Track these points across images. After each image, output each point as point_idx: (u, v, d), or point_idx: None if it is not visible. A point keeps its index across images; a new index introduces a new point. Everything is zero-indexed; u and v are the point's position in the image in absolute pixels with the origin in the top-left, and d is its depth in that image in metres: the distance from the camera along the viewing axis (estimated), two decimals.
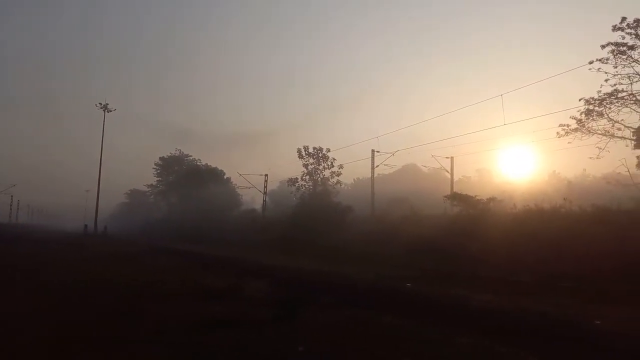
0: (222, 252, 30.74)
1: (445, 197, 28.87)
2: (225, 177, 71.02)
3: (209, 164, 73.97)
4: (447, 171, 41.79)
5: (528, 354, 6.67)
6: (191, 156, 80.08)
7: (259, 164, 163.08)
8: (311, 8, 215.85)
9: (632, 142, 26.16)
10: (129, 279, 14.47)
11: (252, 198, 76.38)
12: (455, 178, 43.16)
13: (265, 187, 50.88)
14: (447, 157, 41.51)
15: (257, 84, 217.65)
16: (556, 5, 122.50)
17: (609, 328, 8.52)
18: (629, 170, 26.64)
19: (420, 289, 13.87)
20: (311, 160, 45.40)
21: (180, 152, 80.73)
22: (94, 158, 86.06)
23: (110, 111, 61.87)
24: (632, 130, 26.19)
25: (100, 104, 61.41)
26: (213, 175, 69.12)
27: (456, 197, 27.98)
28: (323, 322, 8.82)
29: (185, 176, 70.07)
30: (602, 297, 12.06)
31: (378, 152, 41.70)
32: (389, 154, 41.41)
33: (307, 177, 45.60)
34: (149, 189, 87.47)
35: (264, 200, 51.33)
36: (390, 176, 59.96)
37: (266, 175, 50.55)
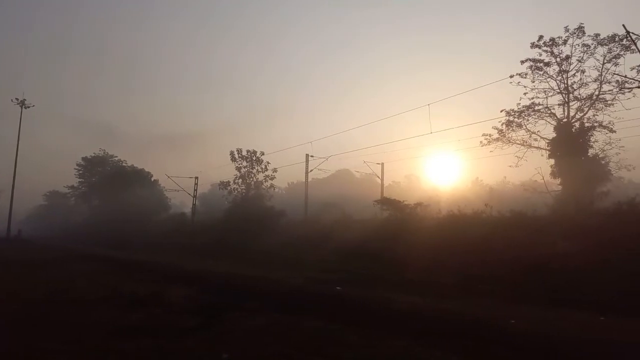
0: (147, 258, 29.44)
1: (375, 201, 29.43)
2: (152, 179, 68.31)
3: (135, 165, 70.85)
4: (378, 177, 42.80)
5: (448, 354, 6.80)
6: (116, 157, 76.32)
7: (191, 167, 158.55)
8: (250, 10, 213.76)
9: (547, 152, 28.19)
10: (40, 287, 13.38)
11: (182, 202, 74.02)
12: (386, 183, 44.37)
13: (196, 190, 49.33)
14: (378, 163, 42.52)
15: (192, 85, 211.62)
16: (484, 16, 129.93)
17: (522, 327, 8.92)
18: (543, 178, 28.66)
19: (348, 293, 13.92)
20: (244, 164, 44.77)
21: (104, 153, 76.69)
22: (8, 157, 79.46)
23: (28, 107, 57.43)
24: (547, 141, 28.22)
25: (17, 99, 56.86)
26: (139, 177, 66.23)
27: (385, 202, 28.61)
28: (248, 328, 8.63)
29: (110, 178, 66.50)
30: (517, 298, 12.70)
31: (312, 156, 41.89)
32: (323, 159, 41.76)
33: (240, 180, 44.88)
34: (70, 190, 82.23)
35: (193, 204, 49.72)
36: (324, 181, 60.47)
37: (196, 178, 49.02)
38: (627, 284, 12.13)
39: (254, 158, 44.55)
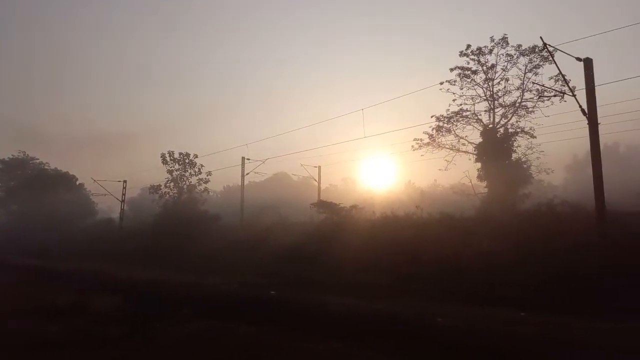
0: (72, 266, 27.66)
1: (312, 204, 29.48)
2: (77, 183, 64.43)
3: (60, 168, 66.45)
4: (315, 180, 42.93)
5: (381, 355, 6.83)
6: (37, 159, 71.22)
7: (122, 169, 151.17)
8: (193, 8, 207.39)
9: (474, 156, 29.53)
10: None
11: (110, 207, 70.38)
12: (323, 186, 44.55)
13: (124, 194, 46.90)
14: (315, 166, 42.71)
15: (130, 84, 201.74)
16: (416, 21, 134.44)
17: (449, 324, 9.20)
18: (471, 181, 30.00)
19: (284, 296, 13.86)
20: (177, 166, 43.21)
21: (24, 155, 71.31)
22: None
23: None
24: (474, 145, 29.56)
25: None
26: (63, 181, 62.17)
27: (322, 205, 28.73)
28: (177, 336, 8.35)
29: (30, 182, 61.86)
30: (446, 296, 13.13)
31: (248, 159, 41.27)
32: (260, 162, 41.26)
33: (172, 184, 43.28)
34: None
35: (121, 209, 47.31)
36: (261, 184, 59.96)
37: (125, 181, 46.70)
38: (543, 281, 12.87)
39: (186, 161, 43.16)
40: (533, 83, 26.72)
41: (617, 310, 10.43)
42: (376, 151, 48.92)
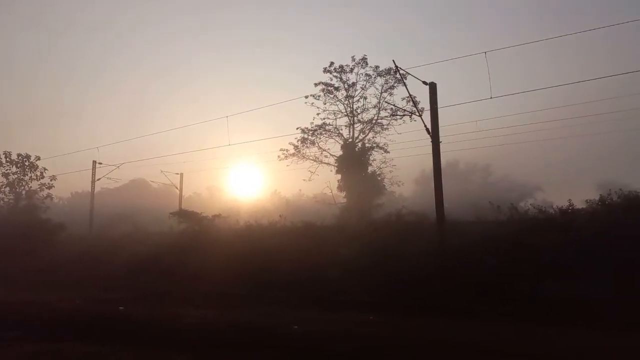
0: None
1: (171, 213, 28.05)
2: None
3: None
4: (177, 187, 41.08)
5: None
6: None
7: None
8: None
9: (335, 168, 31.02)
10: None
11: None
12: (186, 195, 42.90)
13: None
14: (177, 173, 40.89)
15: None
16: (285, 32, 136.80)
17: (303, 330, 9.39)
18: (332, 191, 31.46)
19: (134, 312, 12.97)
20: (14, 169, 38.03)
21: None
22: None
23: None
24: (335, 158, 31.09)
25: None
26: None
27: (182, 214, 27.52)
28: None
29: None
30: (303, 303, 13.46)
31: (100, 163, 37.89)
32: (114, 167, 38.13)
33: (8, 189, 37.95)
34: None
35: None
36: (116, 191, 55.49)
37: None
38: (391, 286, 13.89)
39: (26, 163, 38.19)
40: (387, 103, 29.08)
41: (447, 310, 11.66)
42: (242, 160, 48.67)
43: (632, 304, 9.98)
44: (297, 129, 31.15)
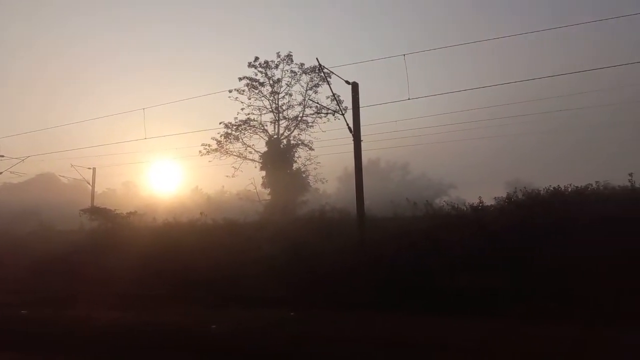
0: None
1: (82, 210, 26.32)
2: None
3: None
4: (89, 182, 38.61)
5: None
6: None
7: None
8: None
9: (260, 164, 30.77)
10: None
11: None
12: (100, 190, 40.50)
13: None
14: (89, 168, 38.42)
15: None
16: (208, 28, 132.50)
17: (221, 330, 9.22)
18: (256, 188, 31.18)
19: (37, 316, 12.04)
20: None
21: None
22: None
23: None
24: (260, 154, 30.81)
25: None
26: None
27: (94, 211, 25.94)
28: None
29: None
30: (223, 302, 13.20)
31: (2, 156, 34.65)
32: (18, 160, 35.03)
33: None
34: None
35: None
36: (21, 186, 51.34)
37: None
38: (312, 281, 14.00)
39: None
40: (312, 101, 29.34)
41: (365, 304, 11.96)
42: (161, 155, 46.82)
43: (535, 293, 10.87)
44: (220, 123, 30.50)
